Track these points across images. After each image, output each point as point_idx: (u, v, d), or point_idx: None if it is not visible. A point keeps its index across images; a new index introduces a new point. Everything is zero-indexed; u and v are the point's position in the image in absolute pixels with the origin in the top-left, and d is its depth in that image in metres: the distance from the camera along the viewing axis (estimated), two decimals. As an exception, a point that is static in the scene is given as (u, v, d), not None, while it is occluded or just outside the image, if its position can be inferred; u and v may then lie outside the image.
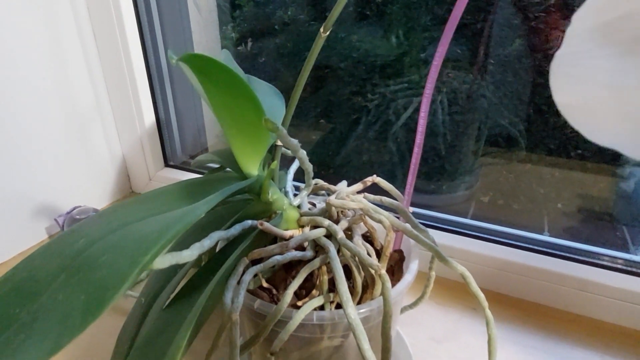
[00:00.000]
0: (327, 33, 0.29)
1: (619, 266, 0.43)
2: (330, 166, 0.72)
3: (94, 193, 0.57)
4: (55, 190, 0.52)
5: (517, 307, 0.44)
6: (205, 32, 0.65)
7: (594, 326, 0.42)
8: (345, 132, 0.70)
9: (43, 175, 0.51)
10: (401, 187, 0.68)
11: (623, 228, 0.56)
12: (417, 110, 0.63)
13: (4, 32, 0.45)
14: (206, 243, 0.22)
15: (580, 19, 0.11)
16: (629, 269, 0.43)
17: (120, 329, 0.29)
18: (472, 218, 0.55)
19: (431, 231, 0.50)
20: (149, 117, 0.58)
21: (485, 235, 0.48)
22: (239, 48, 0.75)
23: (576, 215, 0.59)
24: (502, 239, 0.48)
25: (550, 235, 0.50)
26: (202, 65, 0.23)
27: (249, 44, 0.74)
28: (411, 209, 0.38)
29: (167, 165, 0.62)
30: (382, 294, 0.25)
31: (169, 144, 0.62)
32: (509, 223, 0.51)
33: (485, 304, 0.29)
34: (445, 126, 0.62)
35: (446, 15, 0.65)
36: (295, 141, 0.25)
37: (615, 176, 0.57)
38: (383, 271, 0.25)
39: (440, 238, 0.49)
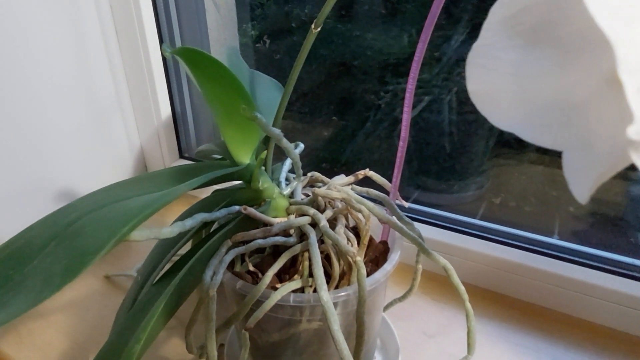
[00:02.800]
0: (318, 29, 0.30)
1: (624, 271, 0.42)
2: (341, 162, 0.73)
3: (113, 180, 0.60)
4: (77, 176, 0.56)
5: (515, 307, 0.44)
6: (223, 30, 0.68)
7: (591, 329, 0.41)
8: (356, 129, 0.71)
9: (65, 163, 0.54)
10: (407, 184, 0.68)
11: (638, 234, 0.55)
12: (425, 108, 0.63)
13: (31, 28, 0.48)
14: (188, 223, 0.24)
15: (493, 13, 0.12)
16: (633, 273, 0.42)
17: (120, 304, 0.32)
18: (482, 219, 0.55)
19: (436, 229, 0.50)
20: (166, 111, 0.60)
21: (492, 236, 0.48)
22: (257, 45, 0.77)
23: (588, 219, 0.58)
24: (509, 240, 0.47)
25: (559, 239, 0.49)
26: (193, 57, 0.25)
27: (267, 41, 0.76)
28: (406, 205, 0.38)
29: (181, 156, 0.65)
30: (357, 280, 0.26)
31: (184, 137, 0.64)
32: (520, 225, 0.51)
33: (466, 296, 0.30)
34: (456, 126, 0.62)
35: (461, 14, 0.65)
36: (277, 131, 0.26)
37: (630, 180, 0.56)
38: (358, 258, 0.26)
39: (446, 237, 0.49)
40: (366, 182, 0.35)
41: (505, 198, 0.62)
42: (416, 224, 0.53)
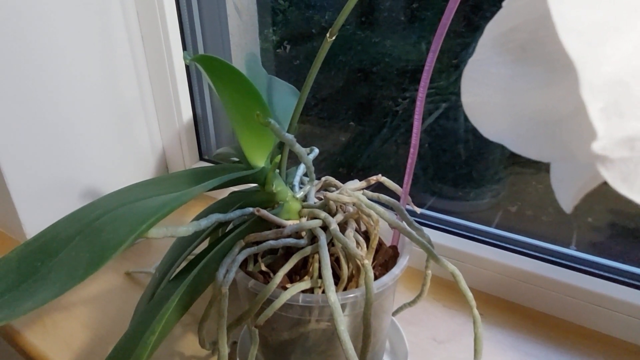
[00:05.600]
0: (333, 38, 0.31)
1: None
2: (358, 167, 0.73)
3: (136, 180, 0.63)
4: (102, 175, 0.58)
5: (528, 316, 0.44)
6: (244, 35, 0.69)
7: (605, 342, 0.40)
8: (373, 134, 0.71)
9: (91, 162, 0.57)
10: (423, 190, 0.68)
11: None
12: (442, 115, 0.63)
13: (62, 34, 0.50)
14: (203, 223, 0.25)
15: (487, 30, 0.13)
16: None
17: (139, 299, 0.33)
18: (498, 227, 0.55)
19: (449, 236, 0.50)
20: (187, 114, 0.62)
21: (507, 245, 0.48)
22: (277, 51, 0.78)
23: (607, 230, 0.57)
24: (524, 250, 0.47)
25: (576, 250, 0.49)
26: (210, 64, 0.26)
27: (287, 47, 0.77)
28: (418, 211, 0.39)
29: (201, 158, 0.67)
30: (365, 282, 0.26)
31: (204, 139, 0.66)
32: (537, 234, 0.51)
33: (473, 303, 0.30)
34: (473, 133, 0.62)
35: (480, 22, 0.65)
36: (290, 136, 0.27)
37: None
38: (366, 261, 0.26)
39: (459, 244, 0.49)
40: (381, 188, 0.36)
41: (522, 207, 0.62)
42: (429, 231, 0.53)
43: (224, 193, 0.35)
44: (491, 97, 0.13)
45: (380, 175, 0.37)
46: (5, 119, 0.47)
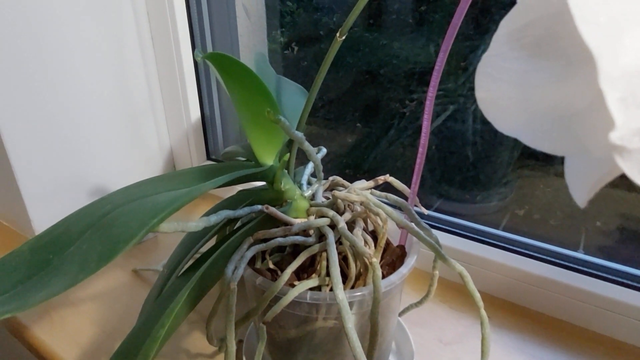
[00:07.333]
0: (343, 38, 0.31)
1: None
2: (364, 169, 0.73)
3: (143, 179, 0.63)
4: (110, 174, 0.59)
5: (534, 319, 0.43)
6: (253, 36, 0.70)
7: (613, 346, 0.40)
8: (380, 136, 0.71)
9: (100, 161, 0.57)
10: (430, 192, 0.68)
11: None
12: (450, 117, 0.63)
13: (73, 34, 0.51)
14: (212, 219, 0.25)
15: (502, 26, 0.13)
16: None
17: (147, 295, 0.33)
18: (505, 230, 0.55)
19: (456, 238, 0.50)
20: (195, 114, 0.63)
21: (515, 248, 0.48)
22: (285, 52, 0.79)
23: (616, 234, 0.56)
24: (532, 252, 0.47)
25: (584, 253, 0.48)
26: (221, 62, 0.26)
27: (295, 48, 0.77)
28: (426, 212, 0.39)
29: (209, 158, 0.67)
30: (372, 281, 0.26)
31: (212, 139, 0.66)
32: (544, 238, 0.50)
33: (481, 304, 0.30)
34: (481, 136, 0.62)
35: (489, 25, 0.65)
36: (299, 134, 0.28)
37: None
38: (374, 259, 0.26)
39: (466, 246, 0.49)
40: (388, 189, 0.36)
41: (530, 210, 0.62)
42: (436, 232, 0.53)
43: (232, 192, 0.35)
44: (505, 92, 0.13)
45: (388, 175, 0.37)
46: (17, 119, 0.48)
